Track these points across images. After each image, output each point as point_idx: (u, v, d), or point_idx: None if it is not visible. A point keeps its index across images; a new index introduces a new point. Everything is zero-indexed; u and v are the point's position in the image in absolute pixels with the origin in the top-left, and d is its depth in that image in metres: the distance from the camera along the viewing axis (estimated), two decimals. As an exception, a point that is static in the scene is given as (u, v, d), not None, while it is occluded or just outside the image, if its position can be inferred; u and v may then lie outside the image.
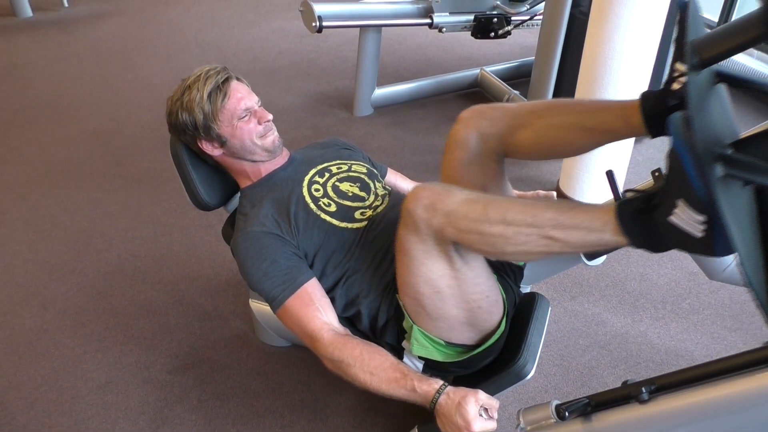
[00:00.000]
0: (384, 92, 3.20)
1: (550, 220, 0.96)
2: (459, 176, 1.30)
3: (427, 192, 1.06)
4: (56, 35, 4.19)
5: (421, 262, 1.12)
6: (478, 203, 1.02)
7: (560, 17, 2.51)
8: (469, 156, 1.27)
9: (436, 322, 1.23)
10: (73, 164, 2.78)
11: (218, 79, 1.40)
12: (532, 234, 0.97)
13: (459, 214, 1.02)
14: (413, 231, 1.09)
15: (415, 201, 1.06)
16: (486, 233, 1.00)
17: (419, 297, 1.19)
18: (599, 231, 0.93)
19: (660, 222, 0.88)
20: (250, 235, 1.35)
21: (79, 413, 1.67)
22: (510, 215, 0.98)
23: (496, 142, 1.24)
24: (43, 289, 2.09)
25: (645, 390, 0.92)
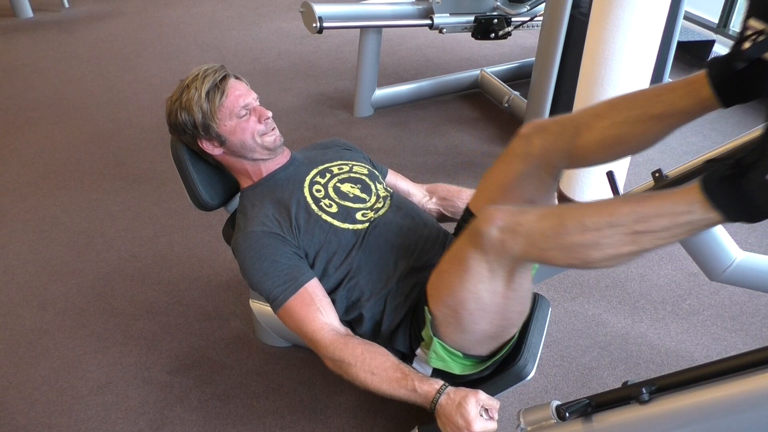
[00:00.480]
0: (384, 93, 3.20)
1: (630, 215, 0.90)
2: (510, 187, 1.26)
3: (502, 214, 1.02)
4: (56, 36, 4.19)
5: (480, 280, 1.09)
6: (553, 217, 0.98)
7: (560, 18, 2.51)
8: (528, 170, 1.23)
9: (464, 335, 1.21)
10: (73, 165, 2.78)
11: (216, 78, 1.39)
12: (614, 234, 0.91)
13: (537, 233, 0.99)
14: (481, 251, 1.05)
15: (489, 223, 1.02)
16: (568, 245, 0.96)
17: (460, 310, 1.16)
18: (686, 212, 0.86)
19: (756, 185, 0.79)
20: (250, 235, 1.35)
21: (78, 413, 1.67)
22: (587, 220, 0.93)
23: (560, 156, 1.19)
24: (43, 289, 2.09)
25: (645, 391, 0.92)
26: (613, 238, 0.91)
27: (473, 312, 1.14)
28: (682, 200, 0.86)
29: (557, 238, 0.96)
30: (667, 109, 1.04)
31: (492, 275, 1.08)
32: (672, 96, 1.04)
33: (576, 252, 0.96)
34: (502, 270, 1.07)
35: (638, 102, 1.09)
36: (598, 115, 1.14)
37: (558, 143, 1.18)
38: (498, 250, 1.03)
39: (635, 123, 1.08)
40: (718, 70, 0.97)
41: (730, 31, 3.70)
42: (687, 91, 1.02)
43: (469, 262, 1.08)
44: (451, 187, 1.70)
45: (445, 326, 1.21)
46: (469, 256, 1.08)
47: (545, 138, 1.20)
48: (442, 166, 2.76)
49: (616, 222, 0.91)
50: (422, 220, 1.46)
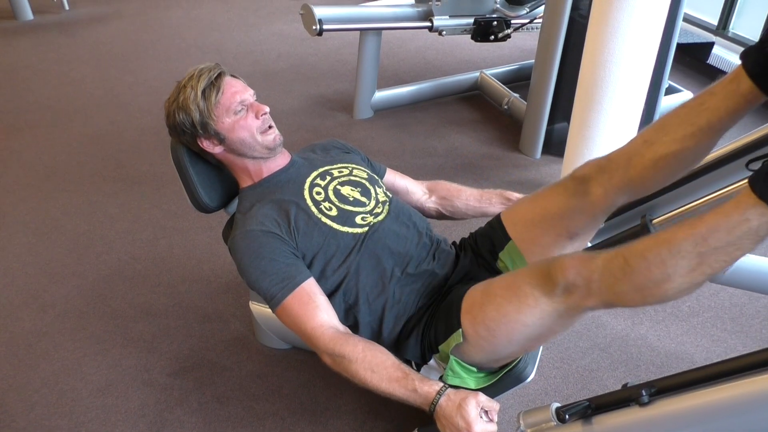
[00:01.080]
0: (384, 95, 3.21)
1: (688, 239, 0.89)
2: (557, 218, 1.30)
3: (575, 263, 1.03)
4: (57, 38, 4.20)
5: (538, 317, 1.10)
6: (617, 258, 0.98)
7: (560, 21, 2.51)
8: (580, 205, 1.26)
9: (489, 355, 1.22)
10: (73, 167, 2.79)
11: (211, 75, 1.40)
12: (678, 262, 0.90)
13: (608, 279, 0.99)
14: (549, 296, 1.07)
15: (563, 273, 1.04)
16: (638, 285, 0.95)
17: (500, 335, 1.16)
18: (742, 221, 0.84)
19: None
20: (248, 234, 1.35)
21: (78, 416, 1.67)
22: (649, 255, 0.93)
23: (620, 194, 1.21)
24: (43, 291, 2.09)
25: (645, 393, 0.92)
26: (679, 267, 0.90)
27: (512, 340, 1.16)
28: (734, 210, 0.85)
29: (626, 281, 0.96)
30: (712, 115, 1.04)
31: (551, 315, 1.09)
32: (714, 100, 1.03)
33: (649, 290, 0.95)
34: (565, 312, 1.08)
35: (683, 117, 1.09)
36: (646, 141, 1.15)
37: (615, 181, 1.21)
38: (565, 297, 1.05)
39: (684, 139, 1.08)
40: (753, 59, 0.96)
41: (730, 33, 3.70)
42: (727, 90, 1.01)
43: (531, 300, 1.09)
44: (451, 186, 1.70)
45: (473, 344, 1.21)
46: (534, 294, 1.09)
47: (603, 180, 1.23)
48: (442, 167, 2.77)
49: (676, 250, 0.90)
50: (418, 229, 1.46)
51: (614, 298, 1.00)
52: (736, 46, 3.60)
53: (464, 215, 1.67)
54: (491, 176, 2.71)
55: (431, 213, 1.69)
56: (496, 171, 2.75)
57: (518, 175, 2.73)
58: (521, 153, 2.88)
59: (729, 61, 3.51)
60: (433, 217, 1.69)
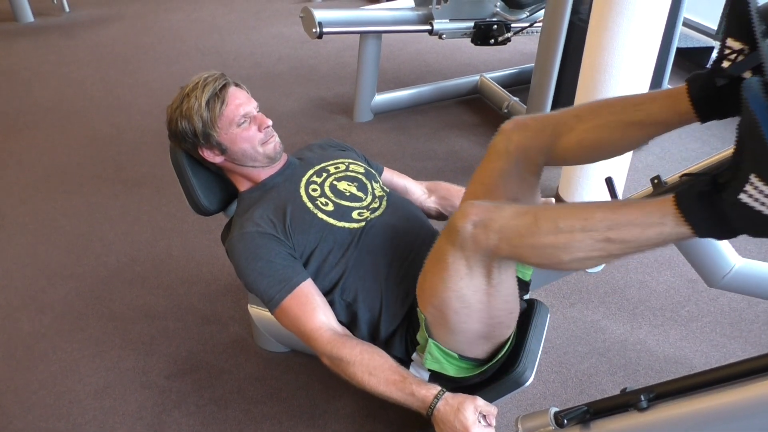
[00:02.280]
0: (384, 98, 3.21)
1: (603, 221, 0.91)
2: (494, 186, 1.27)
3: (477, 210, 1.03)
4: (57, 40, 4.20)
5: (460, 277, 1.10)
6: (528, 215, 0.99)
7: (560, 24, 2.52)
8: (509, 167, 1.24)
9: (455, 336, 1.21)
10: (73, 169, 2.78)
11: (216, 86, 1.40)
12: (586, 239, 0.93)
13: (511, 230, 1.00)
14: (459, 247, 1.06)
15: (464, 218, 1.04)
16: (540, 245, 0.97)
17: (446, 310, 1.16)
18: (658, 224, 0.87)
19: (728, 203, 0.80)
20: (245, 236, 1.35)
21: (76, 418, 1.67)
22: (561, 223, 0.95)
23: (538, 153, 1.20)
24: (41, 293, 2.08)
25: (644, 398, 0.92)
26: (584, 243, 0.93)
27: (459, 311, 1.15)
28: (656, 211, 0.87)
29: (530, 238, 0.98)
30: (646, 118, 1.06)
31: (471, 272, 1.09)
32: (652, 106, 1.05)
33: (547, 252, 0.97)
34: (480, 266, 1.08)
35: (619, 108, 1.10)
36: (578, 116, 1.15)
37: (537, 140, 1.19)
38: (472, 245, 1.04)
39: (614, 128, 1.09)
40: (699, 86, 0.99)
41: (729, 37, 3.70)
42: (667, 103, 1.03)
43: (448, 260, 1.09)
44: (452, 187, 1.70)
45: (436, 327, 1.22)
46: (447, 253, 1.09)
47: (524, 135, 1.21)
48: (442, 171, 2.77)
49: (589, 227, 0.92)
50: (418, 223, 1.46)
51: (510, 249, 1.01)
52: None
53: None
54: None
55: (431, 213, 1.69)
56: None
57: (518, 178, 2.72)
58: (521, 157, 2.88)
59: (729, 65, 3.51)
60: (433, 217, 1.69)
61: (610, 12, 1.96)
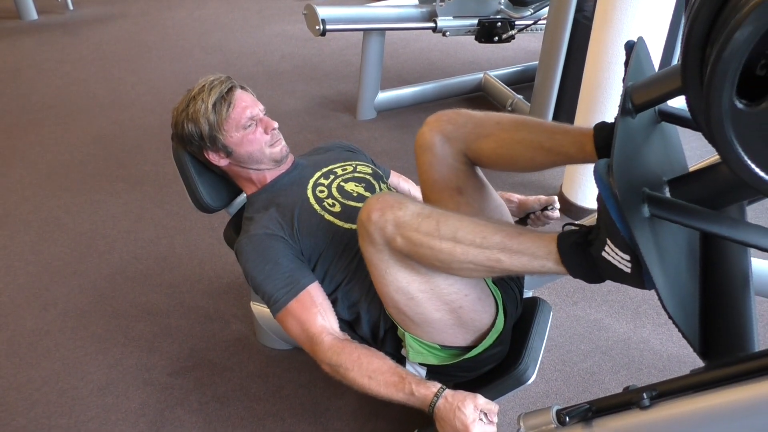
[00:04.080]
0: (387, 96, 3.20)
1: (498, 244, 0.99)
2: (432, 179, 1.31)
3: (380, 203, 1.07)
4: (61, 38, 4.21)
5: (386, 270, 1.13)
6: (431, 218, 1.03)
7: (564, 22, 2.51)
8: (436, 158, 1.28)
9: (424, 327, 1.23)
10: (76, 166, 2.79)
11: (222, 89, 1.40)
12: (479, 255, 1.00)
13: (410, 227, 1.04)
14: (369, 241, 1.10)
15: (367, 211, 1.07)
16: (436, 248, 1.02)
17: (397, 305, 1.19)
18: (543, 258, 0.97)
19: (595, 256, 0.92)
20: (253, 238, 1.35)
21: (79, 415, 1.67)
22: (460, 234, 1.01)
23: (459, 144, 1.26)
24: (44, 290, 2.09)
25: (646, 396, 0.91)
26: (477, 258, 1.01)
27: (407, 303, 1.17)
28: (543, 248, 0.97)
29: (428, 239, 1.03)
30: (555, 146, 1.15)
31: (389, 264, 1.12)
32: (563, 139, 1.14)
33: (440, 257, 1.03)
34: (396, 257, 1.11)
35: (537, 130, 1.18)
36: (499, 124, 1.22)
37: (457, 132, 1.25)
38: (380, 237, 1.08)
39: (528, 147, 1.18)
40: (604, 135, 1.09)
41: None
42: (575, 140, 1.12)
43: (367, 255, 1.14)
44: None
45: (402, 323, 1.25)
46: (365, 250, 1.14)
47: (445, 127, 1.27)
48: (445, 169, 2.76)
49: (485, 245, 1.00)
50: None
51: (405, 243, 1.05)
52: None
53: None
54: (494, 178, 2.70)
55: None
56: (500, 172, 2.75)
57: (521, 176, 2.72)
58: (524, 154, 2.87)
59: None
60: None
61: (614, 9, 1.95)
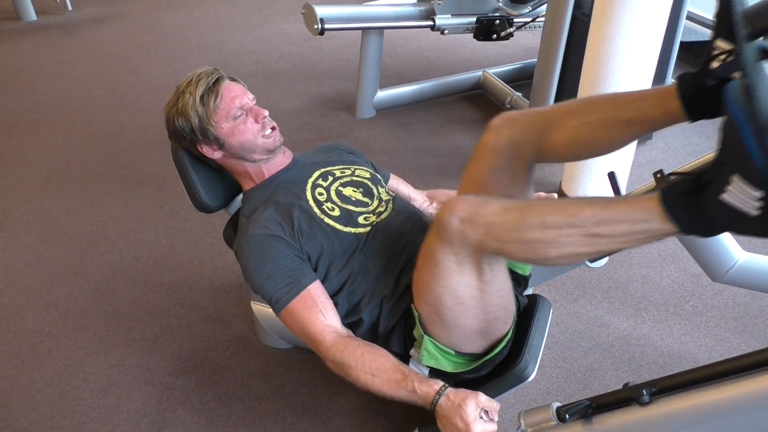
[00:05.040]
0: (386, 94, 3.20)
1: (591, 217, 0.92)
2: (485, 182, 1.27)
3: (464, 204, 1.03)
4: (60, 39, 4.21)
5: (450, 273, 1.10)
6: (515, 211, 0.99)
7: (562, 19, 2.50)
8: (499, 163, 1.24)
9: (451, 332, 1.21)
10: (76, 167, 2.79)
11: (209, 81, 1.40)
12: (573, 234, 0.93)
13: (497, 225, 1.00)
14: (447, 242, 1.06)
15: (450, 213, 1.03)
16: (527, 240, 0.97)
17: (439, 306, 1.16)
18: (644, 221, 0.88)
19: (710, 202, 0.82)
20: (253, 238, 1.35)
21: (81, 415, 1.67)
22: (549, 218, 0.95)
23: (528, 149, 1.20)
24: (45, 291, 2.09)
25: (646, 392, 0.91)
26: (571, 238, 0.94)
27: (452, 307, 1.15)
28: (642, 209, 0.88)
29: (517, 233, 0.98)
30: (635, 115, 1.06)
31: (460, 267, 1.09)
32: (641, 104, 1.06)
33: (534, 248, 0.98)
34: (469, 262, 1.08)
35: (609, 105, 1.10)
36: (569, 113, 1.15)
37: (527, 136, 1.19)
38: (460, 240, 1.04)
39: (604, 126, 1.10)
40: (688, 85, 0.99)
41: (733, 31, 3.68)
42: (656, 101, 1.04)
43: (437, 256, 1.10)
44: (452, 193, 1.70)
45: (431, 324, 1.22)
46: (436, 249, 1.09)
47: (514, 130, 1.21)
48: (444, 167, 2.76)
49: (576, 223, 0.93)
50: (422, 226, 1.45)
51: (497, 245, 1.02)
52: (739, 44, 3.58)
53: None
54: (493, 175, 2.70)
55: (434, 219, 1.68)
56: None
57: (521, 174, 2.72)
58: (524, 152, 2.87)
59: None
60: None
61: (612, 6, 1.95)
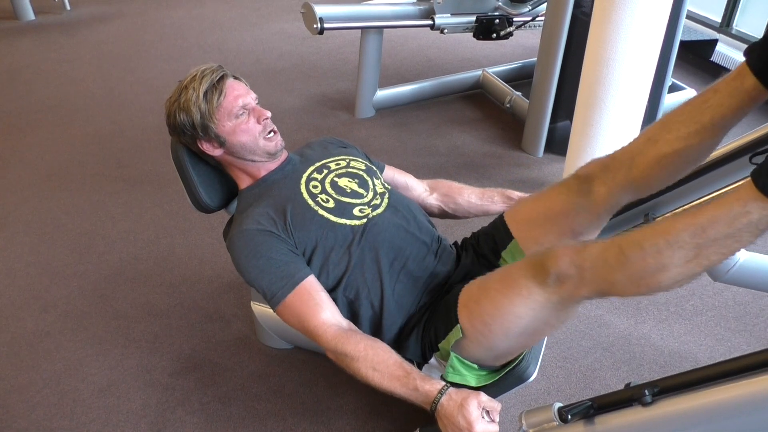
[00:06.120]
0: (385, 94, 3.20)
1: (686, 230, 0.88)
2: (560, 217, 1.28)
3: (568, 251, 1.02)
4: (58, 38, 4.20)
5: (532, 308, 1.09)
6: (612, 247, 0.96)
7: (562, 18, 2.50)
8: (586, 207, 1.25)
9: (488, 351, 1.21)
10: (75, 167, 2.78)
11: (213, 78, 1.39)
12: (675, 253, 0.88)
13: (601, 268, 0.98)
14: (543, 286, 1.05)
15: (556, 260, 1.02)
16: (633, 274, 0.94)
17: (496, 329, 1.16)
18: (743, 213, 0.83)
19: None
20: (245, 233, 1.35)
21: (80, 416, 1.67)
22: (646, 244, 0.91)
23: (623, 193, 1.20)
24: (44, 292, 2.09)
25: (648, 392, 0.91)
26: (674, 257, 0.89)
27: (509, 332, 1.15)
28: (735, 202, 0.84)
29: (621, 270, 0.95)
30: (716, 112, 1.03)
31: (544, 306, 1.08)
32: (718, 97, 1.03)
33: (643, 279, 0.93)
34: (559, 303, 1.07)
35: (687, 115, 1.08)
36: (650, 139, 1.14)
37: (618, 180, 1.19)
38: (556, 286, 1.04)
39: (689, 137, 1.07)
40: (757, 55, 0.95)
41: (733, 30, 3.68)
42: (731, 87, 1.01)
43: (524, 290, 1.08)
44: (453, 184, 1.69)
45: (471, 339, 1.21)
46: (528, 285, 1.08)
47: (607, 179, 1.22)
48: (444, 166, 2.76)
49: (674, 240, 0.89)
50: (417, 224, 1.45)
51: (608, 287, 0.99)
52: (739, 44, 3.59)
53: (466, 213, 1.67)
54: (493, 175, 2.70)
55: (433, 210, 1.68)
56: (498, 170, 2.74)
57: (520, 173, 2.72)
58: (523, 152, 2.87)
59: (733, 58, 3.50)
60: (435, 215, 1.69)
61: (612, 5, 1.95)
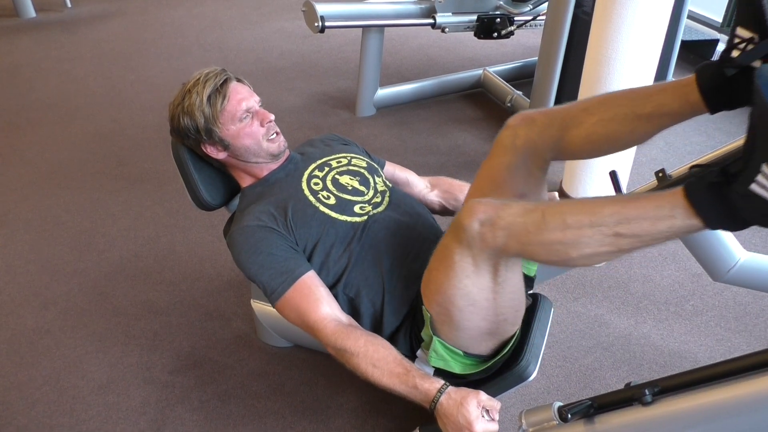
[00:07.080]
0: (386, 93, 3.20)
1: (612, 216, 0.90)
2: (500, 180, 1.25)
3: (484, 207, 1.02)
4: (59, 36, 4.20)
5: (466, 275, 1.09)
6: (535, 212, 0.98)
7: (563, 17, 2.50)
8: (515, 162, 1.22)
9: (460, 332, 1.21)
10: (75, 165, 2.78)
11: (217, 81, 1.39)
12: (595, 234, 0.91)
13: (519, 228, 0.99)
14: (466, 245, 1.05)
15: (471, 216, 1.03)
16: (548, 242, 0.96)
17: (451, 308, 1.16)
18: (668, 217, 0.85)
19: (740, 194, 0.79)
20: (245, 230, 1.35)
21: (80, 413, 1.67)
22: (569, 218, 0.94)
23: (546, 148, 1.19)
24: (44, 289, 2.09)
25: (648, 392, 0.91)
26: (593, 238, 0.92)
27: (464, 308, 1.15)
28: (665, 204, 0.86)
29: (538, 235, 0.97)
30: (655, 109, 1.04)
31: (477, 270, 1.08)
32: (661, 97, 1.04)
33: (555, 249, 0.96)
34: (487, 264, 1.07)
35: (628, 100, 1.08)
36: (587, 110, 1.13)
37: (544, 135, 1.18)
38: (479, 243, 1.03)
39: (623, 121, 1.08)
40: (708, 76, 0.97)
41: (734, 30, 3.68)
42: (676, 93, 1.02)
43: (454, 258, 1.09)
44: (454, 181, 1.70)
45: (441, 324, 1.21)
46: (453, 251, 1.08)
47: (531, 129, 1.19)
48: (445, 165, 2.76)
49: (597, 222, 0.91)
50: (420, 220, 1.45)
51: (519, 247, 1.01)
52: (740, 44, 3.58)
53: None
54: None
55: (434, 207, 1.68)
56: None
57: (521, 172, 2.71)
58: (524, 151, 2.87)
59: (733, 58, 3.49)
60: (436, 211, 1.69)
61: (614, 4, 1.95)
